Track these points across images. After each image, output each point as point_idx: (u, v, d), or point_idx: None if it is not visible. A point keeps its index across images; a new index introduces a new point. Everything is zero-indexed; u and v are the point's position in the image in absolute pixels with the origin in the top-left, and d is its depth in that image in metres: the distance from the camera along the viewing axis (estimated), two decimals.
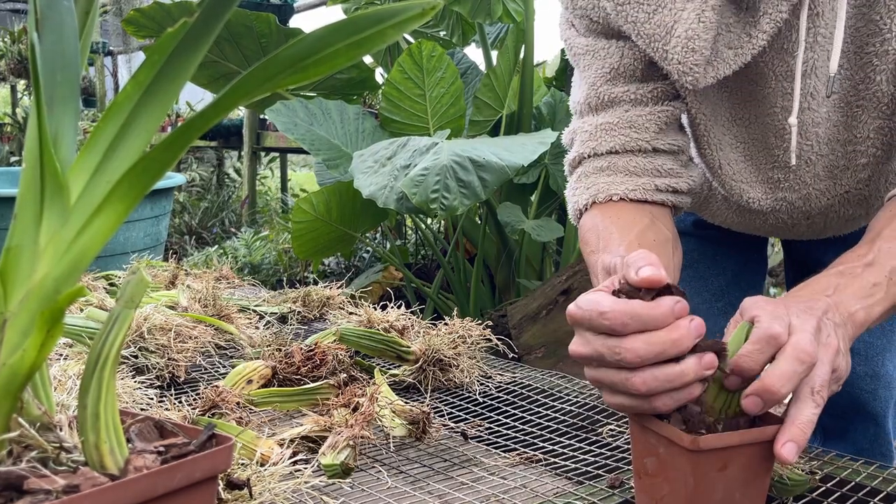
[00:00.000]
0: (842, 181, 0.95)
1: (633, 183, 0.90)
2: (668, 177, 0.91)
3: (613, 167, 0.91)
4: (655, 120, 0.90)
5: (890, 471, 0.80)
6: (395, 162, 2.47)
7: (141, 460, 0.43)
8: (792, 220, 1.02)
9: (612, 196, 0.90)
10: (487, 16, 3.09)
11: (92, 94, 7.58)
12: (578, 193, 0.93)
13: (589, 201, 0.91)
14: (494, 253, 3.22)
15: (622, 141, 0.91)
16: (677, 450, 0.61)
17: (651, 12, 0.82)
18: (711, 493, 0.61)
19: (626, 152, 0.91)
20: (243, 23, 3.15)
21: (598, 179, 0.92)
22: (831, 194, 0.97)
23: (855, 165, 0.93)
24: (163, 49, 0.41)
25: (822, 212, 1.00)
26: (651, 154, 0.91)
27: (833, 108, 0.89)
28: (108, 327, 0.43)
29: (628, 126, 0.90)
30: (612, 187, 0.90)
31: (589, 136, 0.93)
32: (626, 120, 0.91)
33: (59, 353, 0.97)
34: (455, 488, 0.76)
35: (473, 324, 1.08)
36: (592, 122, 0.93)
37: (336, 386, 0.94)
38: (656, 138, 0.91)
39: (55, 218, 0.41)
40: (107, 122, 0.42)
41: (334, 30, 0.39)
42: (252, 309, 1.36)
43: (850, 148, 0.92)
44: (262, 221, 5.32)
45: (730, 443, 0.61)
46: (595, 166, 0.92)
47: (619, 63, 0.89)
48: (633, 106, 0.91)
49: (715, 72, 0.84)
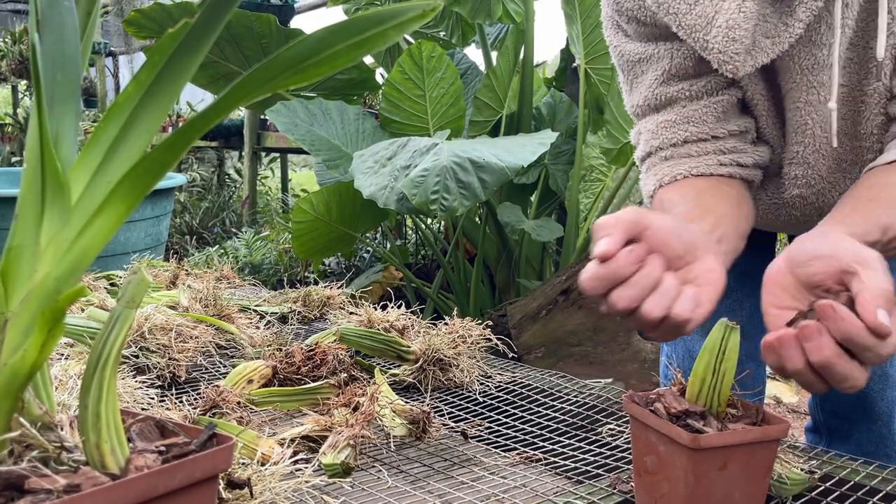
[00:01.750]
0: (850, 175, 0.97)
1: (695, 162, 0.94)
2: (732, 153, 0.95)
3: (676, 155, 0.95)
4: (712, 111, 0.94)
5: (889, 470, 0.80)
6: (395, 162, 2.47)
7: (142, 460, 0.43)
8: (804, 216, 1.03)
9: (675, 177, 0.93)
10: (487, 16, 3.10)
11: (93, 94, 7.58)
12: (647, 182, 0.97)
13: (656, 186, 0.95)
14: (494, 253, 3.22)
15: (683, 136, 0.95)
16: (677, 448, 0.61)
17: (692, 3, 0.85)
18: (711, 491, 0.62)
19: (686, 143, 0.95)
20: (244, 23, 3.15)
21: (662, 167, 0.95)
22: (841, 188, 0.98)
23: (863, 161, 0.95)
24: (163, 50, 0.41)
25: (830, 200, 1.00)
26: (712, 141, 0.95)
27: (841, 102, 0.91)
28: (109, 327, 0.43)
29: (686, 121, 0.94)
30: (676, 169, 0.94)
31: (652, 135, 0.97)
32: (683, 116, 0.95)
33: (60, 353, 0.97)
34: (455, 487, 0.76)
35: (473, 324, 1.08)
36: (654, 121, 0.97)
37: (336, 385, 0.94)
38: (716, 128, 0.94)
39: (56, 218, 0.41)
40: (108, 122, 0.42)
41: (335, 31, 0.39)
42: (252, 309, 1.36)
43: (856, 143, 0.94)
44: (262, 221, 5.32)
45: (730, 441, 0.61)
46: (660, 157, 0.96)
47: (671, 64, 0.93)
48: (689, 102, 0.95)
49: (753, 61, 0.87)
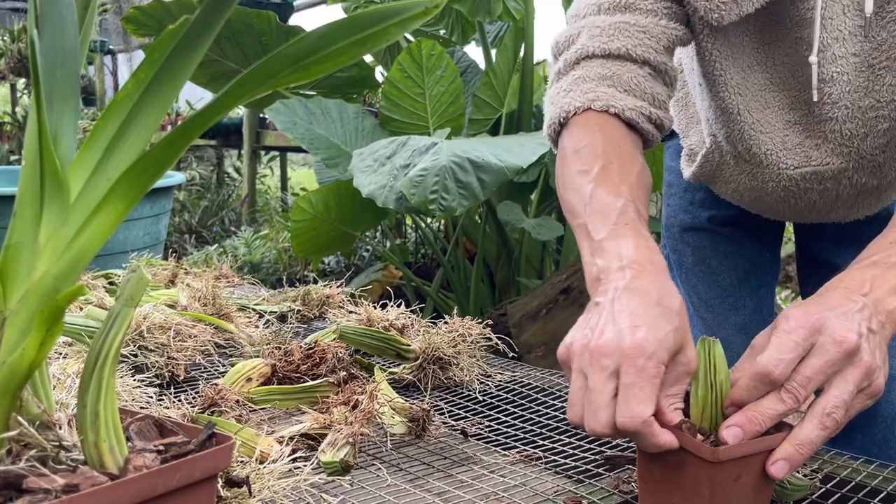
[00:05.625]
0: (860, 148, 0.95)
1: (632, 103, 0.89)
2: (660, 109, 0.91)
3: (617, 79, 0.89)
4: (667, 35, 0.91)
5: (890, 470, 0.80)
6: (394, 161, 2.47)
7: (141, 459, 0.42)
8: (805, 183, 1.01)
9: (609, 108, 0.88)
10: (487, 14, 3.09)
11: (92, 92, 7.57)
12: (573, 96, 0.90)
13: (585, 106, 0.88)
14: (494, 252, 3.22)
15: (633, 43, 0.89)
16: (692, 459, 0.61)
17: None
18: (725, 502, 0.61)
19: (632, 61, 0.90)
20: (243, 21, 3.14)
21: (597, 87, 0.89)
22: (846, 158, 0.97)
23: (875, 132, 0.93)
24: (163, 47, 0.41)
25: (835, 176, 0.99)
26: (653, 75, 0.91)
27: (855, 72, 0.90)
28: (108, 326, 0.43)
29: (643, 31, 0.90)
30: (613, 101, 0.88)
31: (601, 32, 0.91)
32: (640, 24, 0.90)
33: (59, 352, 0.97)
34: (455, 486, 0.76)
35: (473, 322, 1.08)
36: (606, 21, 0.91)
37: (336, 384, 0.94)
38: (662, 54, 0.91)
39: (55, 216, 0.41)
40: (107, 120, 0.42)
41: (336, 28, 0.39)
42: (252, 308, 1.36)
43: (871, 114, 0.92)
44: (261, 220, 5.32)
45: (747, 452, 0.61)
46: (598, 73, 0.90)
47: None
48: (647, 15, 0.90)
49: (739, 9, 0.86)
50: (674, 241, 1.26)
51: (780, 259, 1.30)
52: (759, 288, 1.23)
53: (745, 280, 1.23)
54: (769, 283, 1.27)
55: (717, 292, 1.23)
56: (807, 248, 1.24)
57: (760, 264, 1.24)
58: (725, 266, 1.23)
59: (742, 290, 1.22)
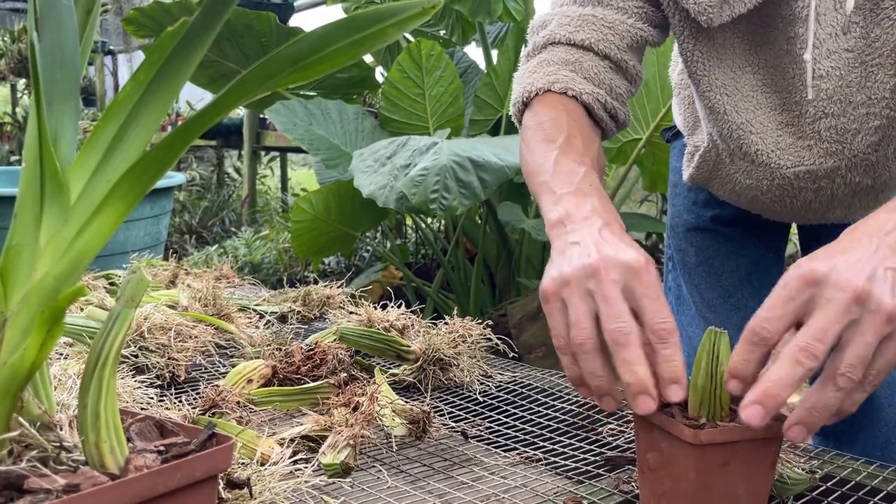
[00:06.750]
0: (852, 145, 0.95)
1: (590, 88, 0.92)
2: (616, 101, 0.94)
3: (578, 66, 0.93)
4: (632, 34, 0.94)
5: (890, 470, 0.80)
6: (394, 161, 2.47)
7: (141, 460, 0.43)
8: (800, 182, 1.01)
9: (567, 90, 0.91)
10: (487, 14, 3.09)
11: (92, 93, 7.58)
12: (536, 77, 0.93)
13: (546, 87, 0.92)
14: (495, 252, 3.22)
15: (597, 37, 0.93)
16: (680, 444, 0.61)
17: None
18: (713, 487, 0.61)
19: (595, 53, 0.93)
20: (243, 22, 3.15)
21: (559, 71, 0.93)
22: (839, 157, 0.97)
23: (867, 129, 0.93)
24: (163, 48, 0.41)
25: (829, 175, 0.99)
26: (613, 69, 0.94)
27: (847, 67, 0.90)
28: (109, 326, 0.43)
29: (608, 27, 0.93)
30: (573, 84, 0.91)
31: (570, 21, 0.94)
32: (608, 20, 0.93)
33: (60, 353, 0.97)
34: (455, 487, 0.76)
35: (473, 323, 1.08)
36: (576, 11, 0.95)
37: (336, 385, 0.94)
38: (625, 51, 0.94)
39: (55, 217, 0.41)
40: (107, 121, 0.42)
41: (336, 28, 0.39)
42: (252, 308, 1.36)
43: (862, 110, 0.92)
44: (262, 221, 5.32)
45: (731, 438, 0.61)
46: (562, 58, 0.94)
47: None
48: (616, 12, 0.94)
49: (730, 10, 0.87)
50: (678, 240, 1.27)
51: (784, 260, 1.29)
52: (761, 289, 1.23)
53: (747, 280, 1.23)
54: (772, 283, 1.27)
55: (720, 292, 1.23)
56: (809, 250, 1.23)
57: (763, 265, 1.24)
58: (728, 266, 1.23)
59: (744, 291, 1.22)
